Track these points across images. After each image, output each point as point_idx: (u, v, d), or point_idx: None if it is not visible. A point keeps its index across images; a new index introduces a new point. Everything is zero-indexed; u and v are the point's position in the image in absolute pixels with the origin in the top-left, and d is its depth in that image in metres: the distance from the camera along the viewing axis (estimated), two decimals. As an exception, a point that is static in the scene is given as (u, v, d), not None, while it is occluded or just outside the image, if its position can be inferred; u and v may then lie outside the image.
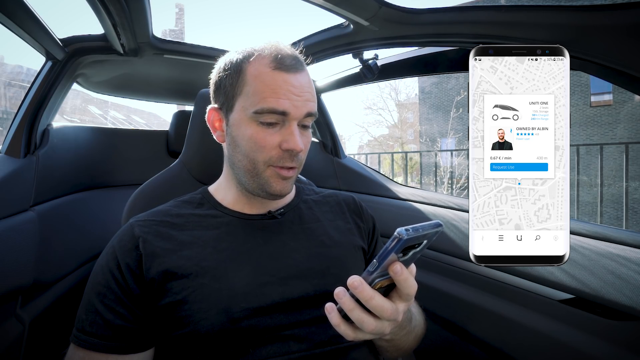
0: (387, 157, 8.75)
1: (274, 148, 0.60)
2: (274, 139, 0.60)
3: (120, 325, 0.55)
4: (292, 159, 0.60)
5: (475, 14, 0.72)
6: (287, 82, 0.59)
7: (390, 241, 0.38)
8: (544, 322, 0.79)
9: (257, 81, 0.59)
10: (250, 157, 0.61)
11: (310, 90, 0.62)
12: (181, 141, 0.93)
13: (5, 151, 0.97)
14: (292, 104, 0.58)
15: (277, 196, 0.63)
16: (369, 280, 0.41)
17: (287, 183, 0.62)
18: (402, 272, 0.41)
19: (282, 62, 0.59)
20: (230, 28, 69.21)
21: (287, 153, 0.60)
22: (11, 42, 52.15)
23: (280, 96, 0.58)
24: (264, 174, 0.61)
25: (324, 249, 0.66)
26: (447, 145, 11.50)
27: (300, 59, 0.63)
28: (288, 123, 0.59)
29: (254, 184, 0.63)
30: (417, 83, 15.35)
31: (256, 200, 0.67)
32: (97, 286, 0.57)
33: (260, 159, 0.60)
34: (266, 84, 0.58)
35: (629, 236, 0.74)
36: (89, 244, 1.13)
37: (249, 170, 0.62)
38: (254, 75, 0.59)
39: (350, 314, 0.42)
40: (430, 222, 0.40)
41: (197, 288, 0.56)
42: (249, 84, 0.60)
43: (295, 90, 0.59)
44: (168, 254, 0.58)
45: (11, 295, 0.83)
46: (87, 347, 0.54)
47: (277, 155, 0.60)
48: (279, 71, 0.59)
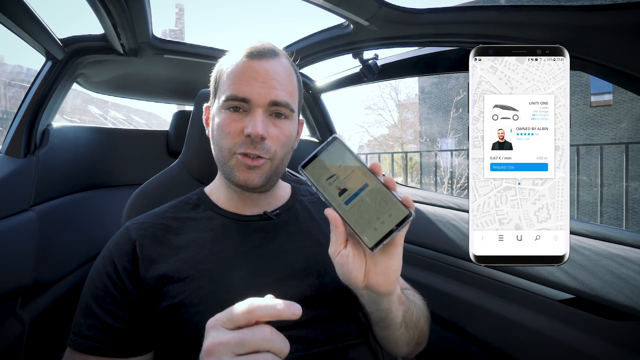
0: (387, 157, 8.76)
1: (238, 134, 0.60)
2: (238, 125, 0.60)
3: (119, 328, 0.55)
4: (254, 146, 0.59)
5: (475, 14, 0.72)
6: (251, 67, 0.59)
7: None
8: (544, 322, 0.79)
9: (228, 72, 0.61)
10: (219, 145, 0.62)
11: (280, 79, 0.60)
12: (181, 141, 0.93)
13: (5, 151, 0.97)
14: (254, 90, 0.58)
15: (244, 187, 0.61)
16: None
17: (252, 173, 0.60)
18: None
19: (252, 51, 0.60)
20: (230, 28, 69.27)
21: (249, 139, 0.59)
22: (11, 42, 52.16)
23: (242, 82, 0.59)
24: (229, 162, 0.61)
25: (320, 248, 0.66)
26: (447, 145, 11.50)
27: (275, 49, 0.63)
28: (252, 109, 0.59)
29: (224, 174, 0.63)
30: (417, 83, 15.36)
31: (247, 199, 0.66)
32: (94, 290, 0.57)
33: (225, 145, 0.61)
34: (233, 72, 0.60)
35: (629, 236, 0.74)
36: (88, 244, 1.13)
37: (219, 159, 0.63)
38: (226, 67, 0.62)
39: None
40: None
41: (194, 291, 0.56)
42: (222, 76, 0.62)
43: (259, 76, 0.59)
44: (164, 258, 0.58)
45: (11, 295, 0.83)
46: (84, 350, 0.54)
47: (240, 141, 0.59)
48: (246, 59, 0.60)
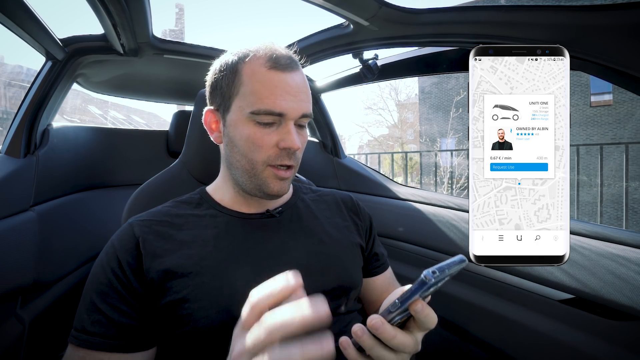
0: (387, 157, 8.76)
1: (271, 147, 0.60)
2: (271, 139, 0.60)
3: (124, 323, 0.55)
4: (289, 157, 0.61)
5: (475, 14, 0.72)
6: (283, 81, 0.59)
7: (417, 284, 0.36)
8: (544, 322, 0.79)
9: (253, 81, 0.59)
10: (248, 157, 0.61)
11: (306, 90, 0.62)
12: (181, 141, 0.93)
13: (5, 151, 0.97)
14: (289, 104, 0.59)
15: (275, 196, 0.64)
16: (389, 318, 0.39)
17: (284, 183, 0.63)
18: (424, 309, 0.39)
19: (278, 62, 0.59)
20: (230, 28, 69.24)
21: (284, 151, 0.60)
22: (11, 42, 52.13)
23: (277, 97, 0.58)
24: (262, 174, 0.61)
25: (322, 246, 0.66)
26: (447, 145, 11.50)
27: (294, 58, 0.63)
28: (284, 122, 0.60)
29: (252, 185, 0.63)
30: (417, 83, 15.36)
31: (253, 200, 0.67)
32: (98, 285, 0.57)
33: (259, 158, 0.60)
34: (262, 83, 0.59)
35: (629, 236, 0.74)
36: (89, 244, 1.13)
37: (247, 170, 0.62)
38: (249, 75, 0.60)
39: (370, 352, 0.40)
40: (455, 259, 0.37)
41: (198, 286, 0.56)
42: (245, 84, 0.60)
43: (292, 90, 0.59)
44: (168, 254, 0.58)
45: (11, 295, 0.83)
46: (88, 346, 0.54)
47: (274, 154, 0.60)
48: (274, 70, 0.59)
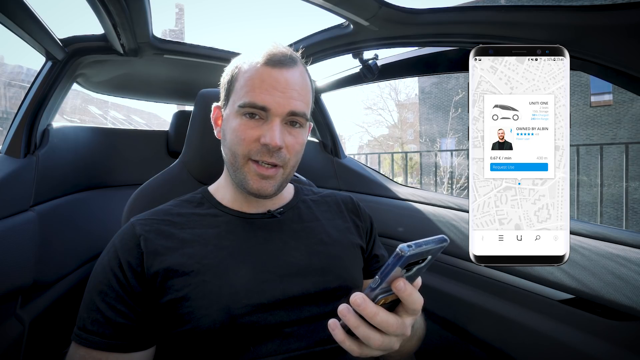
0: (387, 157, 8.74)
1: (253, 141, 0.60)
2: (254, 133, 0.60)
3: (121, 323, 0.55)
4: (270, 154, 0.60)
5: (475, 14, 0.72)
6: (271, 76, 0.59)
7: (392, 257, 0.36)
8: (544, 322, 0.79)
9: (246, 76, 0.61)
10: (232, 149, 0.62)
11: (299, 89, 0.61)
12: (181, 141, 0.93)
13: (5, 151, 0.97)
14: (274, 99, 0.59)
15: (256, 195, 0.62)
16: (372, 296, 0.40)
17: (266, 183, 0.61)
18: (406, 288, 0.39)
19: (271, 58, 0.60)
20: (230, 28, 69.25)
21: (265, 147, 0.59)
22: (11, 42, 52.14)
23: (263, 91, 0.59)
24: (243, 169, 0.62)
25: (323, 247, 0.66)
26: (447, 145, 11.51)
27: (293, 57, 0.63)
28: (270, 118, 0.60)
29: (237, 180, 0.64)
30: (417, 83, 15.36)
31: (253, 199, 0.67)
32: (98, 285, 0.57)
33: (240, 151, 0.61)
34: (252, 78, 0.60)
35: (629, 236, 0.74)
36: (89, 244, 1.13)
37: (232, 164, 0.63)
38: (244, 71, 0.62)
39: (355, 330, 0.40)
40: (435, 237, 0.37)
41: (199, 285, 0.56)
42: (239, 80, 0.62)
43: (279, 85, 0.59)
44: (169, 252, 0.59)
45: (11, 295, 0.83)
46: (88, 345, 0.54)
47: (255, 148, 0.60)
48: (265, 66, 0.60)
